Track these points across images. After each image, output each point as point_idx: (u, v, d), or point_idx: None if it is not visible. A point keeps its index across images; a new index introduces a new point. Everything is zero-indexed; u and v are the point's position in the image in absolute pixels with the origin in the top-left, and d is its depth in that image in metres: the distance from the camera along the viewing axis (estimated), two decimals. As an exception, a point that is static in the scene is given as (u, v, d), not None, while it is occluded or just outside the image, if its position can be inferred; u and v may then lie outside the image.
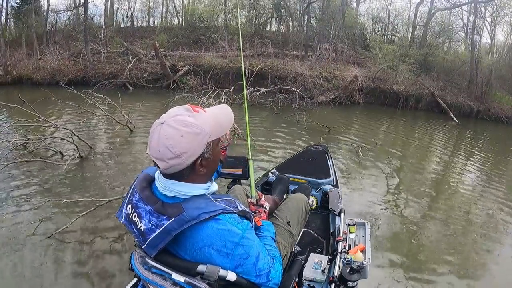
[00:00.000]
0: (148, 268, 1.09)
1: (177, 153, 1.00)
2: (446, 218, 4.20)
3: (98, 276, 2.72)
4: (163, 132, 1.01)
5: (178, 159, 1.01)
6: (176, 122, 1.01)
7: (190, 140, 1.01)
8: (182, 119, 1.02)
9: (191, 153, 1.03)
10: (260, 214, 1.54)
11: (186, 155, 1.01)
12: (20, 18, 14.91)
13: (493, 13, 14.52)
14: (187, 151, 1.01)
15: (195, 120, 1.03)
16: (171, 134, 1.00)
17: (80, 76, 12.05)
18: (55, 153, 5.08)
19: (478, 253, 3.54)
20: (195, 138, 1.02)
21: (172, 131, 1.00)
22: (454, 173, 6.24)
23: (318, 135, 7.13)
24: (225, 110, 1.18)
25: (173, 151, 1.00)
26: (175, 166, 1.03)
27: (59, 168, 4.43)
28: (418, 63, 13.16)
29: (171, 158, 1.01)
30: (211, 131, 1.06)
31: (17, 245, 3.00)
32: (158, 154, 1.01)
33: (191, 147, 1.02)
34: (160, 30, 16.00)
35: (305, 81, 11.64)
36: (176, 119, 1.02)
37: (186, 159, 1.02)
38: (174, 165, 1.02)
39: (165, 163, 1.02)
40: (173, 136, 1.00)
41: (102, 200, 3.54)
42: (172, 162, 1.01)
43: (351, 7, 18.11)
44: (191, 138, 1.01)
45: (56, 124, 5.53)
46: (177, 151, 1.00)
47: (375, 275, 2.87)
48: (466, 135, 9.95)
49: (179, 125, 1.01)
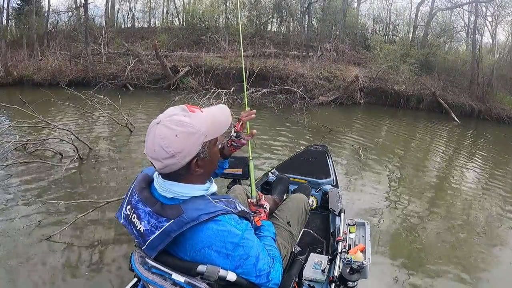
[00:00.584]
0: (148, 268, 1.09)
1: (171, 153, 1.00)
2: (447, 219, 4.18)
3: (98, 277, 2.72)
4: (158, 132, 1.00)
5: (173, 159, 1.01)
6: (171, 122, 1.01)
7: (184, 140, 1.01)
8: (178, 119, 1.01)
9: (186, 153, 1.02)
10: (260, 214, 1.55)
11: (180, 155, 1.01)
12: (21, 19, 14.94)
13: (494, 12, 14.50)
14: (182, 150, 1.01)
15: (190, 120, 1.02)
16: (166, 134, 1.00)
17: (81, 77, 12.03)
18: (54, 154, 5.07)
19: (480, 254, 3.51)
20: (189, 138, 1.01)
21: (167, 131, 1.00)
22: (456, 174, 6.20)
23: (319, 135, 7.12)
24: (223, 110, 1.17)
25: (167, 150, 0.99)
26: (171, 166, 1.02)
27: (59, 169, 4.42)
28: (419, 63, 13.12)
29: (165, 158, 1.00)
30: (207, 131, 1.05)
31: (15, 247, 2.99)
32: (154, 154, 1.01)
33: (186, 147, 1.01)
34: (161, 30, 15.99)
35: (306, 82, 11.61)
36: (171, 119, 1.02)
37: (181, 159, 1.02)
38: (169, 164, 1.02)
39: (160, 163, 1.02)
40: (168, 135, 0.99)
41: (100, 202, 3.52)
42: (167, 162, 1.01)
43: (352, 7, 18.09)
44: (186, 138, 1.01)
45: (55, 125, 5.52)
46: (171, 150, 0.99)
47: (375, 275, 2.85)
48: (468, 135, 9.91)
49: (174, 124, 1.00)
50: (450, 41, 16.01)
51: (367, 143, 6.95)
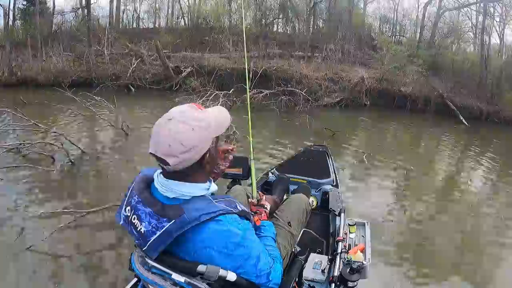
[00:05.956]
0: (148, 268, 1.09)
1: (189, 147, 1.02)
2: (453, 222, 4.15)
3: (98, 277, 2.73)
4: (173, 128, 1.02)
5: (189, 153, 1.03)
6: (187, 118, 1.04)
7: (201, 134, 1.04)
8: (191, 115, 1.05)
9: (201, 147, 1.05)
10: (260, 214, 1.55)
11: (197, 148, 1.04)
12: (26, 20, 15.01)
13: (502, 13, 14.25)
14: (198, 144, 1.04)
15: (204, 115, 1.07)
16: (183, 129, 1.02)
17: (84, 78, 12.05)
18: (46, 158, 4.97)
19: (486, 259, 3.49)
20: (204, 133, 1.05)
21: (183, 126, 1.02)
22: (463, 177, 6.10)
23: (321, 139, 6.97)
24: (222, 112, 1.20)
25: (185, 144, 1.01)
26: (186, 161, 1.04)
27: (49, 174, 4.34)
28: (427, 64, 12.92)
29: (183, 152, 1.02)
30: (216, 127, 1.10)
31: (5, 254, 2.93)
32: (168, 150, 1.01)
33: (201, 141, 1.04)
34: (165, 31, 15.97)
35: (310, 83, 11.48)
36: (185, 115, 1.04)
37: (197, 153, 1.05)
38: (186, 159, 1.03)
39: (176, 158, 1.02)
40: (185, 130, 1.02)
41: (83, 211, 3.42)
42: (183, 156, 1.02)
43: (358, 7, 17.94)
44: (201, 132, 1.04)
45: (47, 128, 5.44)
46: (189, 144, 1.02)
47: (375, 276, 2.81)
48: (476, 138, 9.69)
49: (189, 119, 1.03)
50: (458, 41, 15.78)
51: (372, 146, 6.84)
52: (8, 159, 4.80)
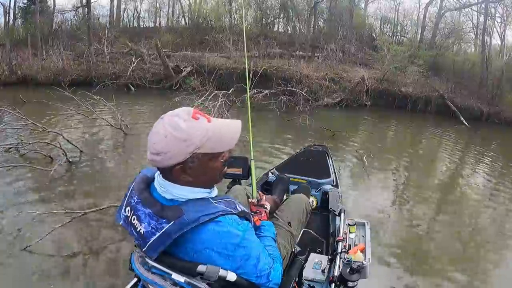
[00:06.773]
0: (148, 268, 1.10)
1: (157, 150, 1.01)
2: (453, 223, 4.13)
3: (98, 277, 2.71)
4: (156, 127, 1.04)
5: (157, 157, 1.02)
6: (169, 122, 1.02)
7: (171, 144, 1.00)
8: (175, 121, 1.01)
9: (170, 156, 1.02)
10: (260, 214, 1.54)
11: (165, 156, 1.01)
12: (27, 19, 14.99)
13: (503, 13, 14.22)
14: (167, 152, 1.01)
15: (187, 127, 1.01)
16: (158, 132, 1.02)
17: (84, 77, 12.02)
18: (44, 157, 4.94)
19: (485, 259, 3.48)
20: (177, 144, 1.01)
21: (160, 129, 1.02)
22: (463, 178, 6.07)
23: (321, 139, 6.93)
24: (231, 128, 1.13)
25: (154, 147, 1.02)
26: (155, 162, 1.04)
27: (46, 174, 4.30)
28: (427, 65, 12.89)
29: (152, 153, 1.03)
30: (201, 143, 1.03)
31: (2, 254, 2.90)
32: (149, 146, 1.04)
33: (171, 150, 1.01)
34: (166, 30, 15.94)
35: (310, 83, 11.44)
36: (171, 119, 1.02)
37: (165, 160, 1.02)
38: (155, 160, 1.04)
39: (149, 155, 1.04)
40: (159, 133, 1.01)
41: (79, 212, 3.37)
42: (152, 156, 1.04)
43: (359, 7, 17.91)
44: (173, 142, 1.00)
45: (44, 127, 5.39)
46: (157, 148, 1.01)
47: (375, 276, 2.77)
48: (476, 139, 9.66)
49: (169, 125, 1.01)
50: (459, 42, 15.75)
51: (372, 146, 6.80)
52: (6, 158, 4.77)
